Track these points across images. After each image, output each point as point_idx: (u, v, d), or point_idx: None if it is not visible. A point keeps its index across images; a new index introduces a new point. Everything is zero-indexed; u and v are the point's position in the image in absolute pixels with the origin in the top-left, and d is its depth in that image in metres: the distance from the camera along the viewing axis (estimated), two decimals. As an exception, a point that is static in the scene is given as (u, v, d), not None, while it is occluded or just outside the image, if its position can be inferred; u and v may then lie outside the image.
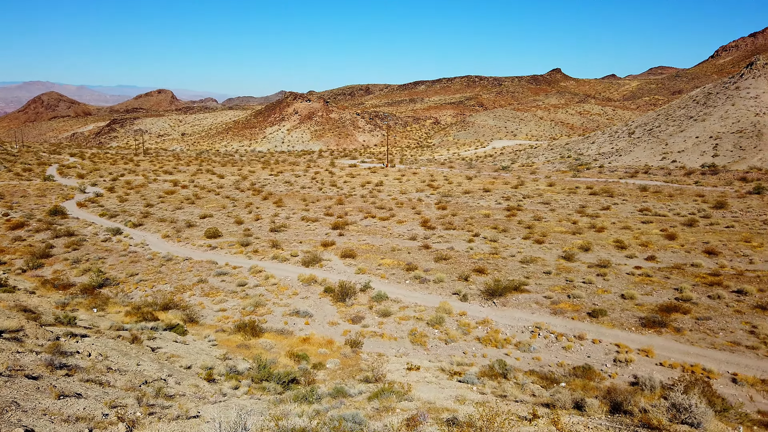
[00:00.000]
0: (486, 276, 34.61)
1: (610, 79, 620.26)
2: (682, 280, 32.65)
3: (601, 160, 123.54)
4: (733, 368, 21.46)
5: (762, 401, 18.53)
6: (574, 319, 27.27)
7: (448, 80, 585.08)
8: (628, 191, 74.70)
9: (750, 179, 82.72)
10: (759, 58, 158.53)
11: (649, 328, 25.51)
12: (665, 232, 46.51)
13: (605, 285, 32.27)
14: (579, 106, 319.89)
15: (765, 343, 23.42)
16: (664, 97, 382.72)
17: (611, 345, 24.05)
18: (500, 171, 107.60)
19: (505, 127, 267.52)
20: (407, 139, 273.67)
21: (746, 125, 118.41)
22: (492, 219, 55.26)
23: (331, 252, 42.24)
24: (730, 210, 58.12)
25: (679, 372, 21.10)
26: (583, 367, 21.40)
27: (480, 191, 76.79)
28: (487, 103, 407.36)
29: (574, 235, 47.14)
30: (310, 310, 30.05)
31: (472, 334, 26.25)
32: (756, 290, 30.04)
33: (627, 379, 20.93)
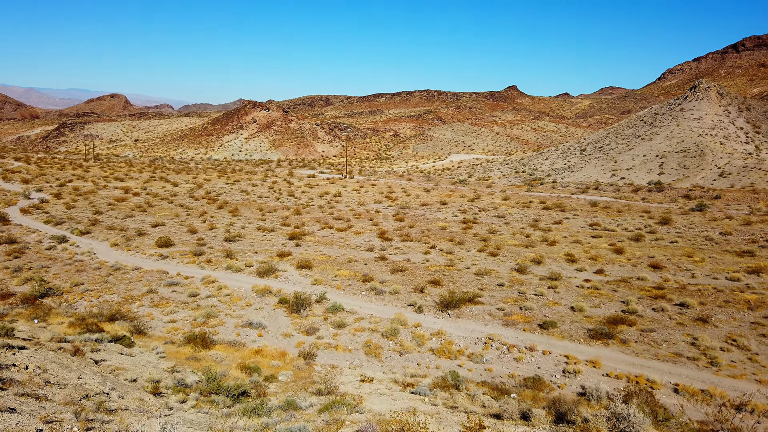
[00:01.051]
0: (441, 288, 34.93)
1: (563, 98, 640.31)
2: (628, 293, 33.77)
3: (555, 175, 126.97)
4: (675, 379, 22.26)
5: (701, 411, 19.26)
6: (525, 330, 27.78)
7: (407, 93, 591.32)
8: (579, 206, 76.94)
9: (693, 197, 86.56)
10: (702, 81, 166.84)
11: (597, 340, 26.22)
12: (613, 247, 48.06)
13: (556, 297, 33.05)
14: (534, 123, 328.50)
15: (705, 354, 24.40)
16: (614, 116, 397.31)
17: (561, 356, 24.60)
18: (457, 184, 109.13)
19: (462, 141, 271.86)
20: (367, 151, 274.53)
21: (690, 145, 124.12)
22: (448, 231, 55.89)
23: (287, 262, 41.80)
24: (674, 226, 60.60)
25: (625, 382, 21.74)
26: (533, 378, 21.79)
27: (437, 204, 77.62)
28: (445, 117, 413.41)
29: (527, 248, 48.16)
30: (264, 321, 29.59)
31: (427, 345, 26.37)
32: (697, 303, 31.35)
33: (575, 390, 21.43)
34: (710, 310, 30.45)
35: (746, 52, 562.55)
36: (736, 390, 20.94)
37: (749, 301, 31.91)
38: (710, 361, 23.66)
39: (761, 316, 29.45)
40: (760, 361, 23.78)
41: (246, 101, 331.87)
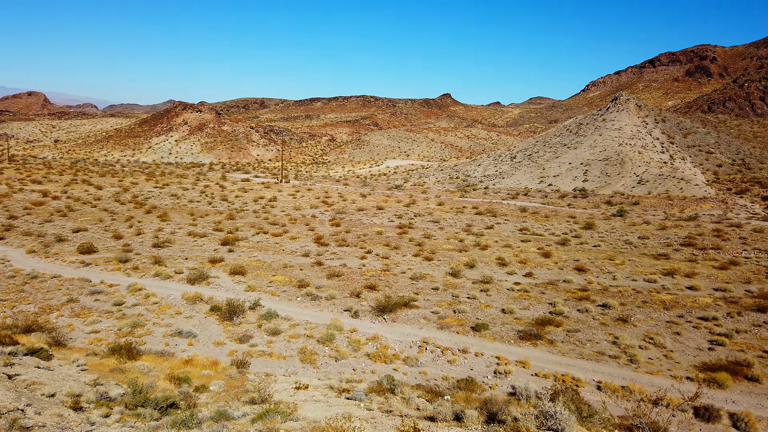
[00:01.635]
0: (377, 292, 35.10)
1: (495, 106, 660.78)
2: (555, 295, 35.19)
3: (487, 181, 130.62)
4: (599, 376, 23.39)
5: (622, 406, 20.33)
6: (459, 333, 28.37)
7: (344, 99, 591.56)
8: (509, 212, 79.52)
9: (614, 203, 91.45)
10: (622, 94, 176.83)
11: (526, 341, 27.15)
12: (542, 251, 49.98)
13: (488, 300, 33.97)
14: (467, 130, 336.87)
15: (625, 352, 25.80)
16: (542, 125, 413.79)
17: (492, 357, 25.29)
18: (393, 189, 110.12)
19: (398, 147, 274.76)
20: (303, 155, 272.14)
21: (611, 154, 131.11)
22: (385, 236, 56.27)
23: (220, 269, 40.71)
24: (597, 231, 63.76)
25: (552, 381, 22.63)
26: (466, 380, 22.27)
27: (374, 209, 77.98)
28: (381, 123, 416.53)
29: (460, 252, 49.23)
30: (195, 330, 28.65)
31: (363, 350, 26.40)
32: (618, 304, 33.12)
33: (506, 390, 22.08)
34: (630, 310, 32.24)
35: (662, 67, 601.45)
36: (653, 385, 22.25)
37: (665, 302, 34.04)
38: (630, 359, 25.03)
39: (675, 315, 31.48)
40: (674, 358, 25.39)
41: (177, 102, 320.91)
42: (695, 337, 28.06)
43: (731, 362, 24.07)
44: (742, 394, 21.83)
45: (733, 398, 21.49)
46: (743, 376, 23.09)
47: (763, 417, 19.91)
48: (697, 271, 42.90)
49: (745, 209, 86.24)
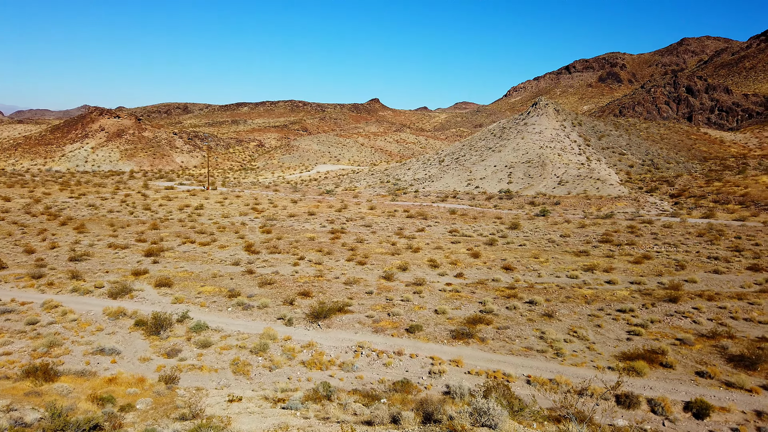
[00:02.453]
0: (311, 299, 34.77)
1: (422, 111, 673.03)
2: (485, 294, 36.22)
3: (417, 185, 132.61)
4: (528, 371, 24.27)
5: (550, 399, 21.19)
6: (393, 335, 28.59)
7: (272, 103, 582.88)
8: (439, 214, 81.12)
9: (537, 203, 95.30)
10: (541, 99, 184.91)
11: (459, 340, 27.75)
12: (471, 251, 51.31)
13: (421, 302, 34.46)
14: (396, 135, 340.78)
15: (552, 346, 26.92)
16: (468, 129, 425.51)
17: (427, 358, 25.66)
18: (325, 195, 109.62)
19: (329, 152, 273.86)
20: (230, 161, 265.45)
21: (533, 156, 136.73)
22: (317, 242, 55.86)
23: (144, 281, 38.94)
24: (522, 230, 66.22)
25: (485, 378, 23.26)
26: (401, 382, 22.47)
27: (305, 214, 77.26)
28: (311, 128, 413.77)
29: (393, 255, 49.68)
30: (118, 346, 27.23)
31: (297, 358, 26.06)
32: (543, 300, 34.53)
33: (441, 390, 22.46)
34: (555, 305, 33.70)
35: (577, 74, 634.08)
36: (578, 377, 23.35)
37: (586, 296, 35.84)
38: (556, 352, 26.15)
39: (596, 308, 33.21)
40: (597, 349, 26.77)
41: (92, 108, 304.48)
42: (615, 329, 29.72)
43: (648, 351, 25.68)
44: (658, 380, 23.32)
45: (651, 384, 22.91)
46: (659, 363, 24.68)
47: (678, 401, 21.36)
48: (614, 266, 45.48)
49: (656, 206, 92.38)
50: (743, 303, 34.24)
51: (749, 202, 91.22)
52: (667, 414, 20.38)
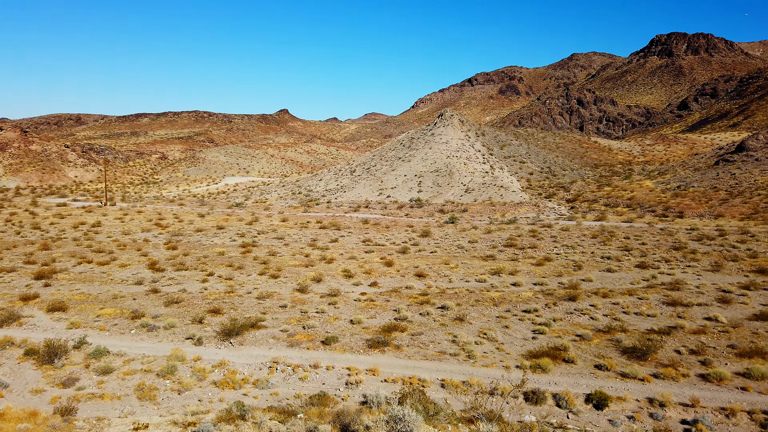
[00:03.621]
0: (222, 316, 33.61)
1: (332, 122, 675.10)
2: (399, 302, 36.76)
3: (329, 195, 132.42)
4: (442, 375, 24.86)
5: (462, 400, 21.82)
6: (309, 349, 28.26)
7: (174, 114, 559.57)
8: (352, 224, 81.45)
9: (446, 211, 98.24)
10: (447, 110, 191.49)
11: (375, 349, 27.93)
12: (384, 260, 51.93)
13: (336, 313, 34.36)
14: (307, 146, 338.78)
15: (463, 349, 27.76)
16: (378, 139, 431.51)
17: (343, 369, 25.59)
18: (234, 207, 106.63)
19: (237, 163, 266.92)
20: (130, 175, 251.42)
21: (441, 166, 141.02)
22: (227, 256, 54.17)
23: (35, 306, 35.86)
24: (433, 237, 67.98)
25: (401, 385, 23.54)
26: (318, 395, 22.25)
27: (214, 229, 74.71)
28: (217, 140, 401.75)
29: (307, 267, 49.20)
30: (5, 379, 24.82)
31: (209, 378, 25.05)
32: (455, 305, 35.59)
33: (358, 400, 22.47)
34: (465, 309, 34.84)
35: (479, 86, 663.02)
36: (489, 377, 24.24)
37: (494, 299, 37.37)
38: (468, 355, 27.01)
39: (504, 310, 34.72)
40: (505, 350, 27.95)
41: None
42: (521, 329, 31.20)
43: (551, 348, 27.19)
44: (561, 376, 24.73)
45: (555, 380, 24.25)
46: (562, 359, 26.19)
47: (580, 393, 22.76)
48: (519, 269, 47.81)
49: (554, 211, 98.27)
50: (633, 298, 37.19)
51: (635, 204, 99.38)
52: (570, 407, 21.64)
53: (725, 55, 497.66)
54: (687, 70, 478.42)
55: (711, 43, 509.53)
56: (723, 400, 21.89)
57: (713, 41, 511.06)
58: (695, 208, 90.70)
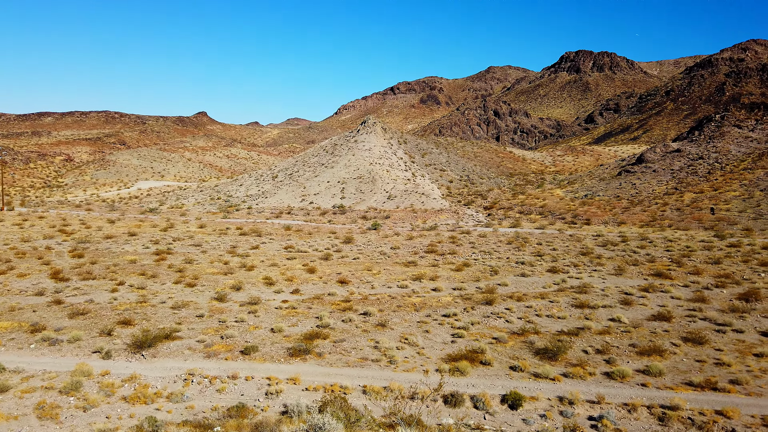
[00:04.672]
0: (133, 327, 31.92)
1: (254, 126, 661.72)
2: (321, 309, 36.51)
3: (250, 201, 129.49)
4: (364, 381, 24.92)
5: (382, 406, 21.98)
6: (227, 359, 27.43)
7: (82, 114, 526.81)
8: (274, 230, 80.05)
9: (369, 217, 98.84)
10: (369, 117, 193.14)
11: (296, 357, 27.56)
12: (306, 267, 51.41)
13: (256, 321, 33.59)
14: (227, 150, 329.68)
15: (385, 355, 27.99)
16: (300, 145, 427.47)
17: (263, 379, 25.03)
18: (148, 213, 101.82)
19: (151, 167, 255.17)
20: (31, 178, 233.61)
21: (364, 172, 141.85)
22: (139, 265, 51.55)
23: None
24: (355, 244, 68.13)
25: (322, 393, 23.36)
26: (237, 407, 21.62)
27: (125, 235, 70.88)
28: (130, 142, 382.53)
29: (226, 275, 47.78)
30: None
31: (118, 394, 23.68)
32: (377, 311, 35.82)
33: (278, 410, 22.06)
34: (387, 315, 35.16)
35: (401, 95, 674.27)
36: (409, 382, 24.57)
37: (415, 304, 37.98)
38: (389, 360, 27.25)
39: (424, 315, 35.35)
40: (425, 354, 28.45)
41: None
42: (441, 333, 31.91)
43: (469, 351, 27.99)
44: (479, 378, 25.51)
45: (473, 382, 24.97)
46: (479, 362, 27.03)
47: (496, 395, 23.56)
48: (439, 274, 48.90)
49: (472, 218, 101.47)
50: (545, 301, 39.06)
51: (547, 212, 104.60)
52: (487, 408, 22.37)
53: (627, 73, 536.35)
54: (593, 86, 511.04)
55: (614, 61, 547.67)
56: (625, 396, 23.43)
57: (616, 60, 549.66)
58: (601, 216, 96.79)
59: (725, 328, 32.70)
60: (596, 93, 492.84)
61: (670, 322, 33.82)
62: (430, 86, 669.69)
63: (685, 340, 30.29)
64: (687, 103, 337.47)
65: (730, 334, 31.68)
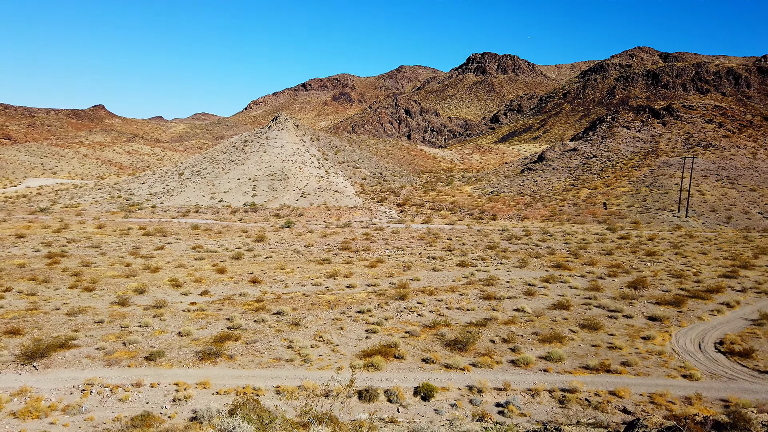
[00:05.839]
0: (23, 337, 29.40)
1: (157, 121, 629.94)
2: (233, 310, 35.51)
3: (154, 200, 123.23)
4: (277, 381, 24.53)
5: (293, 405, 21.75)
6: (131, 366, 25.99)
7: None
8: (181, 230, 76.75)
9: (282, 215, 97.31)
10: (281, 113, 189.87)
11: (206, 361, 26.61)
12: (216, 267, 49.78)
13: (162, 325, 32.08)
14: (127, 145, 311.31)
15: (299, 354, 27.72)
16: (208, 141, 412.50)
17: (170, 385, 23.97)
18: (38, 213, 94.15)
19: (42, 163, 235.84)
20: None
21: (276, 169, 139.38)
22: (29, 269, 47.56)
23: None
24: (268, 243, 66.85)
25: (234, 396, 22.74)
26: (141, 416, 20.55)
27: (12, 237, 65.08)
28: (16, 136, 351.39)
29: (128, 278, 45.22)
30: None
31: (6, 409, 21.73)
32: (291, 310, 35.38)
33: (187, 416, 21.21)
34: (301, 314, 34.83)
35: (313, 91, 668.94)
36: (323, 380, 24.51)
37: (330, 301, 37.91)
38: (304, 359, 27.03)
39: (339, 312, 35.38)
40: (340, 351, 28.49)
41: None
42: (355, 329, 32.08)
43: (383, 346, 28.37)
44: (392, 372, 25.92)
45: (387, 376, 25.34)
46: (393, 356, 27.46)
47: (409, 387, 24.06)
48: (353, 271, 49.11)
49: (386, 215, 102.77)
50: (455, 294, 40.38)
51: (456, 208, 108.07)
52: (401, 401, 22.79)
53: (528, 75, 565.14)
54: (498, 87, 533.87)
55: (517, 64, 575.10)
56: (529, 382, 24.76)
57: (519, 62, 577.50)
58: (506, 211, 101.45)
59: (617, 314, 35.45)
60: (501, 94, 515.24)
61: (568, 311, 36.14)
62: (342, 83, 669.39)
63: (582, 326, 32.49)
64: (582, 105, 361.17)
65: (621, 320, 34.39)
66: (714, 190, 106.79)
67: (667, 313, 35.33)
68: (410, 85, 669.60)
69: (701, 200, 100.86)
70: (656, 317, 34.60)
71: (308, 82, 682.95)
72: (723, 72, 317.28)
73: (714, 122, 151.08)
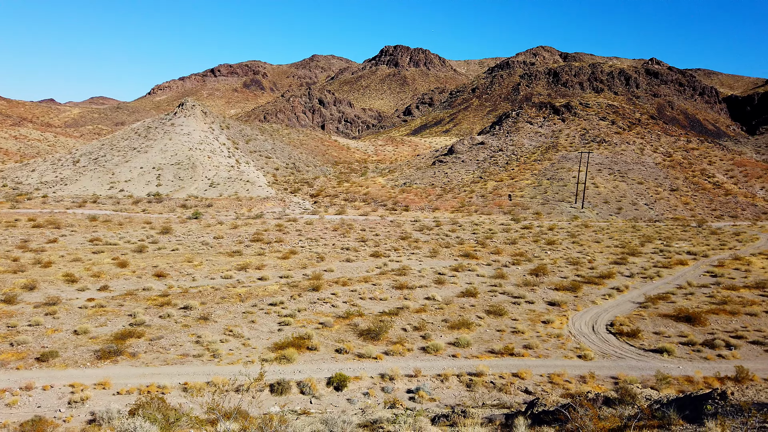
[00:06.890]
0: None
1: (48, 104, 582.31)
2: (135, 305, 33.70)
3: (45, 189, 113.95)
4: (184, 378, 23.60)
5: (199, 402, 21.03)
6: (19, 368, 23.99)
7: None
8: (77, 222, 71.65)
9: (189, 206, 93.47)
10: (188, 100, 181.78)
11: (105, 360, 25.10)
12: (117, 261, 46.99)
13: (56, 324, 29.87)
14: (14, 130, 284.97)
15: (208, 349, 26.82)
16: (107, 127, 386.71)
17: (65, 387, 22.39)
18: None
19: None
20: None
21: (183, 158, 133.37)
22: None
23: None
24: (174, 234, 63.97)
25: (137, 395, 21.62)
26: (32, 421, 19.03)
27: None
28: None
29: (15, 273, 41.61)
30: None
31: None
32: (199, 304, 34.13)
33: (84, 419, 19.93)
34: (210, 308, 33.70)
35: (222, 78, 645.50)
36: (233, 374, 23.85)
37: (241, 294, 36.98)
38: (213, 354, 26.21)
39: (250, 305, 34.59)
40: (251, 345, 27.90)
41: None
42: (267, 322, 31.54)
43: (296, 338, 28.11)
44: (305, 363, 25.77)
45: (299, 368, 25.15)
46: (306, 348, 27.28)
47: (322, 378, 24.02)
48: (265, 263, 48.17)
49: (299, 206, 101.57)
50: (369, 285, 40.76)
51: (370, 199, 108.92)
52: (313, 392, 22.73)
53: (440, 70, 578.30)
54: (410, 80, 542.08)
55: (428, 58, 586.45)
56: (439, 368, 25.54)
57: (430, 57, 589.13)
58: (418, 202, 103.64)
59: (520, 300, 37.39)
60: (413, 87, 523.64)
61: (476, 298, 37.63)
62: (253, 71, 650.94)
63: (488, 312, 33.97)
64: (489, 100, 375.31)
65: (523, 305, 36.30)
66: (607, 183, 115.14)
67: (564, 298, 37.74)
68: (324, 74, 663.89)
69: (595, 192, 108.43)
70: (555, 302, 36.86)
71: (217, 67, 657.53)
72: (615, 73, 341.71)
73: (607, 119, 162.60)
